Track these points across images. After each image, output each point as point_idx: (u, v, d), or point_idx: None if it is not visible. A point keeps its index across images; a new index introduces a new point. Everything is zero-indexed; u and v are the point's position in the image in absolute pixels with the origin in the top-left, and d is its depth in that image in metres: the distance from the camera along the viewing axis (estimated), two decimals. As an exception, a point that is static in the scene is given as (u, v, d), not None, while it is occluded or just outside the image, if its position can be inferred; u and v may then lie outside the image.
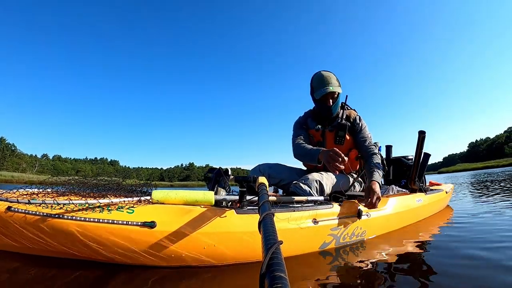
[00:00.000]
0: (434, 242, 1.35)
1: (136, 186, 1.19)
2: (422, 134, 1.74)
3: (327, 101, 1.61)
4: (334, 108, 1.64)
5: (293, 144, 1.72)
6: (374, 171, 1.50)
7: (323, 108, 1.64)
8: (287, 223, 1.10)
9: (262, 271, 0.37)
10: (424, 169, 1.95)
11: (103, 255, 0.92)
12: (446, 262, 1.03)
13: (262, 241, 0.47)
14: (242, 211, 1.05)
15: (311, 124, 1.76)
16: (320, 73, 1.65)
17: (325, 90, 1.56)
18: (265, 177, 1.06)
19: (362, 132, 1.67)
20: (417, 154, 1.80)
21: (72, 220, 0.87)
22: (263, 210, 0.64)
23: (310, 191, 1.40)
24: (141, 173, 73.92)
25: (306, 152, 1.59)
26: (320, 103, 1.64)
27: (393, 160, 2.45)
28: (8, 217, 0.87)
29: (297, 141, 1.71)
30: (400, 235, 1.53)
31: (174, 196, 1.02)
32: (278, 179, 1.71)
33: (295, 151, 1.71)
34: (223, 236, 0.98)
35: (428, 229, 1.66)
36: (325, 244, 1.20)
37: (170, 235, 0.92)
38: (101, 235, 0.88)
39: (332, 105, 1.61)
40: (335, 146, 1.66)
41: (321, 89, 1.58)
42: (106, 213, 0.91)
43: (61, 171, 77.54)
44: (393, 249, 1.25)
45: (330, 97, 1.60)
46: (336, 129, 1.65)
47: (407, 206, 1.74)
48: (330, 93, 1.59)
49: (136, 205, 0.97)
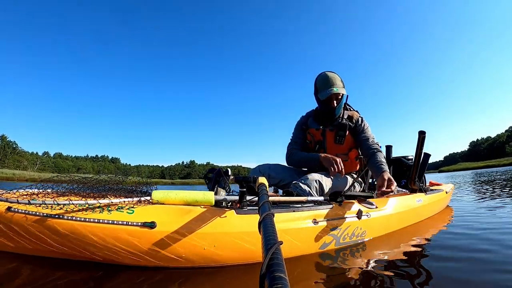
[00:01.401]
0: (434, 242, 1.35)
1: (136, 186, 1.19)
2: (422, 134, 1.75)
3: (332, 102, 1.61)
4: (337, 109, 1.64)
5: (287, 157, 1.80)
6: (382, 164, 1.52)
7: (327, 109, 1.64)
8: (287, 224, 1.10)
9: (262, 272, 0.37)
10: (424, 169, 1.95)
11: (103, 256, 0.92)
12: (446, 262, 1.03)
13: (262, 241, 0.47)
14: (242, 212, 1.05)
15: (311, 124, 1.76)
16: (325, 73, 1.65)
17: (329, 92, 1.56)
18: (265, 178, 1.06)
19: (364, 132, 1.67)
20: (417, 154, 1.80)
21: (72, 221, 0.87)
22: (263, 210, 0.64)
23: (310, 191, 1.40)
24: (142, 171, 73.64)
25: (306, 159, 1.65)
26: (325, 104, 1.64)
27: (393, 160, 2.45)
28: (8, 218, 0.87)
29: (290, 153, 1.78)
30: (400, 235, 1.53)
31: (174, 196, 1.02)
32: (278, 179, 1.71)
33: (293, 164, 1.76)
34: (223, 237, 0.98)
35: (428, 230, 1.66)
36: (325, 244, 1.20)
37: (170, 236, 0.91)
38: (101, 235, 0.88)
39: (336, 106, 1.61)
40: (335, 145, 1.66)
41: (326, 90, 1.58)
42: (106, 214, 0.91)
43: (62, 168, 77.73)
44: (393, 249, 1.25)
45: (334, 98, 1.60)
46: (336, 128, 1.65)
47: (407, 206, 1.74)
48: (334, 94, 1.59)
49: (136, 205, 0.97)
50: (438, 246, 1.27)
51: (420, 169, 1.88)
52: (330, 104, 1.61)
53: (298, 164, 1.71)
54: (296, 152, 1.74)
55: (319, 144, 1.71)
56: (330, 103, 1.61)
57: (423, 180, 2.13)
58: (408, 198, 1.82)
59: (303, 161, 1.67)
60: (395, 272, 0.96)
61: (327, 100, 1.61)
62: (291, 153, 1.76)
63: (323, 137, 1.70)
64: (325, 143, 1.69)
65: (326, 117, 1.69)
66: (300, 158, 1.70)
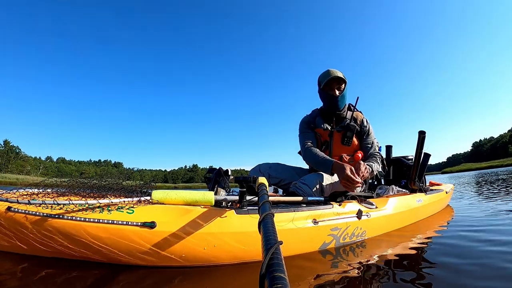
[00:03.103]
0: (434, 242, 1.35)
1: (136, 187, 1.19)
2: (422, 134, 1.75)
3: (333, 91, 1.59)
4: (341, 100, 1.61)
5: (304, 148, 1.69)
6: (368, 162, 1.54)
7: (330, 100, 1.61)
8: (287, 223, 1.10)
9: (262, 272, 0.37)
10: (424, 169, 1.95)
11: (103, 256, 0.92)
12: (446, 262, 1.03)
13: (262, 241, 0.47)
14: (242, 212, 1.05)
15: (319, 122, 1.74)
16: (327, 69, 1.66)
17: (330, 75, 1.57)
18: (265, 177, 1.06)
19: (368, 137, 1.67)
20: (417, 154, 1.80)
21: (72, 221, 0.87)
22: (263, 210, 0.64)
23: (310, 191, 1.40)
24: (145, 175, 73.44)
25: (319, 161, 1.55)
26: (327, 95, 1.62)
27: (393, 160, 2.45)
28: (8, 218, 0.87)
29: (307, 145, 1.68)
30: (400, 235, 1.53)
31: (174, 197, 1.02)
32: (278, 179, 1.71)
33: (307, 158, 1.68)
34: (223, 237, 0.98)
35: (428, 230, 1.66)
36: (325, 244, 1.20)
37: (170, 236, 0.91)
38: (101, 235, 0.88)
39: (339, 96, 1.60)
40: (342, 146, 1.66)
41: (327, 78, 1.58)
42: (106, 214, 0.91)
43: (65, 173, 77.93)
44: (393, 249, 1.25)
45: (336, 86, 1.59)
46: (344, 130, 1.64)
47: (407, 206, 1.74)
48: (335, 79, 1.57)
49: (136, 205, 0.97)
50: (438, 246, 1.27)
51: (420, 169, 1.88)
52: (332, 93, 1.59)
53: (313, 160, 1.61)
54: (313, 148, 1.65)
55: (326, 145, 1.70)
56: (332, 92, 1.59)
57: (423, 180, 2.13)
58: (408, 198, 1.82)
59: (317, 160, 1.57)
60: (395, 272, 0.96)
61: (328, 83, 1.59)
62: (309, 148, 1.66)
63: (330, 138, 1.69)
64: (331, 143, 1.68)
65: (331, 112, 1.67)
66: (317, 156, 1.58)
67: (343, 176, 1.35)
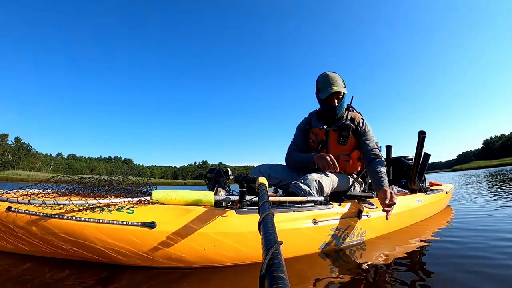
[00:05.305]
0: (434, 243, 1.35)
1: (136, 186, 1.19)
2: (422, 134, 1.75)
3: (332, 101, 1.61)
4: (339, 108, 1.64)
5: (286, 157, 1.83)
6: (382, 178, 1.47)
7: (329, 108, 1.64)
8: (287, 224, 1.10)
9: (262, 272, 0.37)
10: (424, 169, 1.95)
11: (103, 256, 0.92)
12: (446, 263, 1.03)
13: (262, 241, 0.47)
14: (242, 212, 1.05)
15: (315, 123, 1.75)
16: (326, 73, 1.65)
17: (330, 91, 1.57)
18: (265, 178, 1.06)
19: (366, 135, 1.67)
20: (417, 154, 1.80)
21: (72, 221, 0.87)
22: (263, 210, 0.64)
23: (310, 191, 1.40)
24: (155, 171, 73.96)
25: (301, 160, 1.69)
26: (326, 104, 1.64)
27: (393, 160, 2.45)
28: (8, 218, 0.87)
29: (288, 152, 1.82)
30: (400, 235, 1.53)
31: (174, 196, 1.02)
32: (278, 180, 1.71)
33: (289, 165, 1.79)
34: (223, 237, 0.98)
35: (428, 230, 1.66)
36: (325, 244, 1.20)
37: (170, 236, 0.91)
38: (101, 235, 0.88)
39: (337, 106, 1.61)
40: (338, 146, 1.67)
41: (327, 90, 1.58)
42: (106, 214, 0.91)
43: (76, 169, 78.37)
44: (393, 249, 1.25)
45: (335, 97, 1.60)
46: (340, 129, 1.65)
47: (407, 206, 1.74)
48: (335, 93, 1.59)
49: (136, 205, 0.97)
50: (438, 246, 1.27)
51: (420, 169, 1.88)
52: (331, 102, 1.61)
53: (295, 165, 1.74)
54: (293, 154, 1.78)
55: (322, 144, 1.71)
56: (331, 102, 1.61)
57: (423, 180, 2.13)
58: (408, 198, 1.82)
59: (300, 162, 1.70)
60: (395, 272, 0.96)
61: (327, 98, 1.61)
62: (289, 155, 1.81)
63: (326, 137, 1.70)
64: (328, 142, 1.69)
65: (328, 116, 1.69)
66: (297, 159, 1.73)
67: (323, 163, 1.51)
